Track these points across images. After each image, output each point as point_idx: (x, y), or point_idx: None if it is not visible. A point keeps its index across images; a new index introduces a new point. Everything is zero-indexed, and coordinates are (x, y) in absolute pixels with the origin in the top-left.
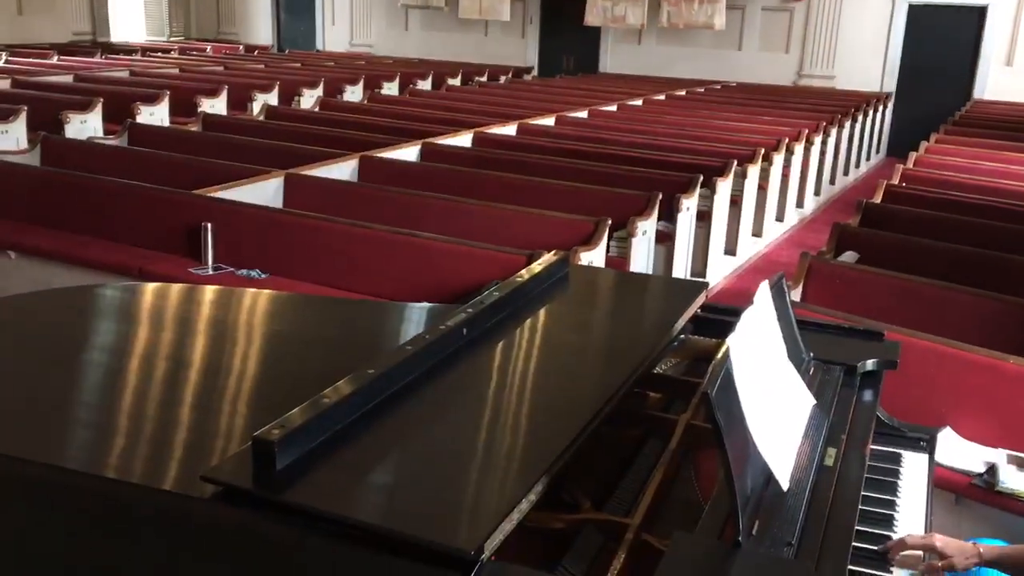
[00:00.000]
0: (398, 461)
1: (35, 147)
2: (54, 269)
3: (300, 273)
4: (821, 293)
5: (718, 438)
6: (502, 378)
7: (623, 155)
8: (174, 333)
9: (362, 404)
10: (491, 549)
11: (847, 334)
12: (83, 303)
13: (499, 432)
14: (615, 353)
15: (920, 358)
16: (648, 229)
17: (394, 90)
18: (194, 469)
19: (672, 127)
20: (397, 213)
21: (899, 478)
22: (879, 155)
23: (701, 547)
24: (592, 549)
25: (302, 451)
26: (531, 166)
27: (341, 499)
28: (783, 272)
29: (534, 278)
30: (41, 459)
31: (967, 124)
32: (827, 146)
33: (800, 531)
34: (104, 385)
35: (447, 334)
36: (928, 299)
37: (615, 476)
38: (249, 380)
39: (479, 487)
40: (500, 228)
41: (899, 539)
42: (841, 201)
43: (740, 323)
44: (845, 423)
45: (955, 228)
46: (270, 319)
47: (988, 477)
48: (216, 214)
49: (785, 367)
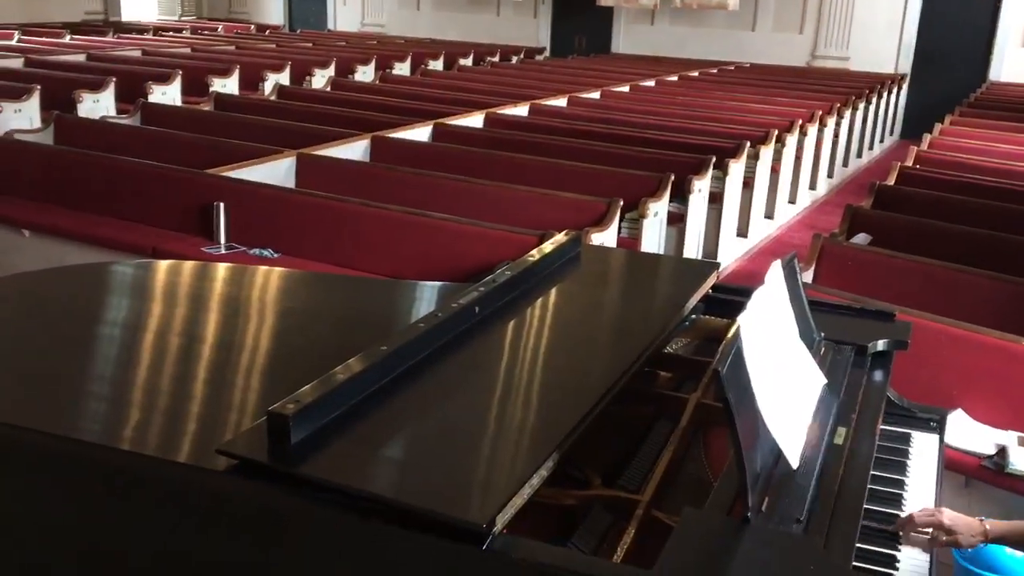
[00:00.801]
0: (411, 436)
1: (48, 126)
2: (68, 247)
3: (312, 253)
4: (833, 275)
5: (728, 416)
6: (513, 356)
7: (635, 136)
8: (188, 309)
9: (375, 380)
10: (503, 523)
11: (858, 314)
12: (98, 279)
13: (510, 409)
14: (626, 332)
15: (932, 340)
16: (660, 210)
17: (406, 70)
18: (208, 442)
19: (685, 108)
20: (409, 193)
21: (908, 458)
22: (893, 137)
23: (710, 523)
24: (602, 525)
25: (316, 426)
26: (543, 147)
27: (355, 473)
28: (795, 252)
29: (546, 257)
30: (57, 431)
31: (982, 106)
32: (841, 128)
33: (809, 508)
34: (119, 359)
35: (459, 312)
36: (941, 281)
37: (625, 454)
38: (262, 356)
39: (491, 462)
40: (512, 209)
41: (907, 515)
42: (854, 183)
43: (751, 302)
44: (855, 403)
45: (969, 211)
46: (283, 296)
47: (998, 459)
48: (228, 194)
49: (796, 346)
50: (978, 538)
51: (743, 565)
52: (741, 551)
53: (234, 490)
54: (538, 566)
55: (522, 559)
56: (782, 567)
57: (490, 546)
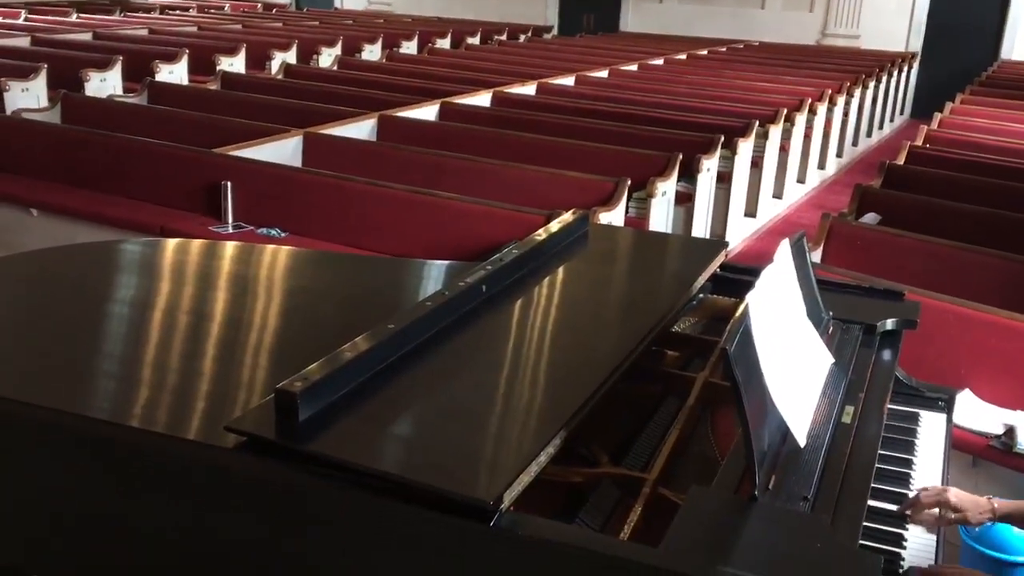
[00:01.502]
0: (419, 414)
1: (55, 105)
2: (75, 227)
3: (319, 232)
4: (842, 254)
5: (736, 394)
6: (521, 334)
7: (643, 115)
8: (196, 287)
9: (383, 358)
10: (510, 500)
11: (867, 294)
12: (106, 258)
13: (518, 387)
14: (634, 310)
15: (940, 319)
16: (668, 190)
17: (413, 49)
18: (217, 420)
19: (693, 87)
20: (416, 173)
21: (916, 437)
22: (903, 116)
23: (717, 501)
24: (609, 503)
25: (324, 403)
26: (550, 126)
27: (363, 450)
28: (803, 231)
29: (553, 236)
30: (67, 408)
31: (993, 85)
32: (850, 107)
33: (816, 487)
34: (128, 337)
35: (466, 291)
36: (950, 261)
37: (633, 432)
38: (270, 334)
39: (498, 440)
40: (519, 188)
41: (914, 495)
42: (864, 163)
43: (760, 280)
44: (863, 382)
45: (979, 190)
46: (291, 275)
47: (1006, 439)
48: (235, 173)
49: (804, 325)
50: (985, 516)
51: (750, 543)
52: (748, 529)
53: (242, 467)
54: (545, 543)
55: (529, 536)
56: (789, 545)
57: (497, 523)
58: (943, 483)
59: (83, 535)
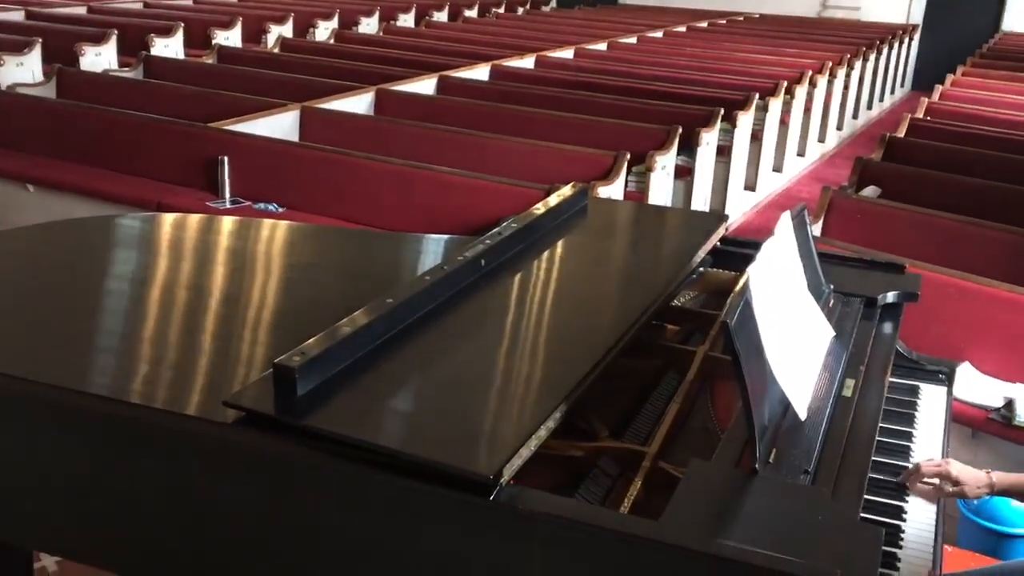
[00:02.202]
0: (418, 388)
1: (51, 80)
2: (72, 202)
3: (317, 207)
4: (842, 228)
5: (737, 367)
6: (520, 308)
7: (643, 88)
8: (194, 262)
9: (381, 333)
10: (509, 474)
11: (868, 266)
12: (103, 233)
13: (517, 361)
14: (634, 284)
15: (941, 292)
16: (667, 164)
17: (410, 22)
18: (216, 395)
19: (693, 60)
20: (414, 147)
21: (916, 410)
22: (904, 89)
23: (718, 474)
24: (609, 476)
25: (322, 378)
26: (549, 100)
27: (362, 424)
28: (804, 203)
29: (552, 210)
30: (66, 384)
31: (995, 57)
32: (851, 79)
33: (817, 459)
34: (126, 313)
35: (465, 265)
36: (951, 234)
37: (633, 406)
38: (269, 309)
39: (498, 414)
40: (518, 162)
41: (914, 465)
42: (864, 136)
43: (760, 253)
44: (864, 355)
45: (980, 162)
46: (289, 249)
47: (1005, 411)
48: (232, 147)
49: (805, 298)
50: (984, 490)
51: (750, 516)
52: (748, 502)
53: (242, 442)
54: (545, 516)
55: (529, 510)
56: (790, 517)
57: (497, 497)
58: (943, 455)
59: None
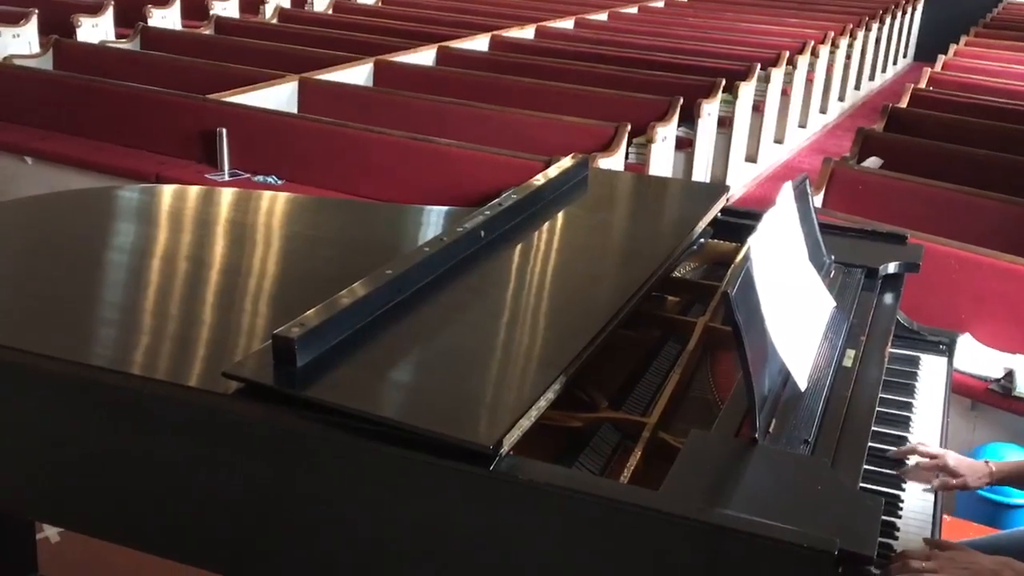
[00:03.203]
0: (417, 359)
1: (47, 51)
2: (70, 174)
3: (316, 179)
4: (843, 199)
5: (737, 337)
6: (520, 279)
7: (644, 59)
8: (193, 234)
9: (381, 304)
10: (509, 444)
11: (869, 237)
12: (102, 204)
13: (517, 332)
14: (634, 255)
15: (942, 263)
16: (668, 135)
17: None
18: (216, 366)
19: (695, 30)
20: (413, 119)
21: (917, 381)
22: (906, 59)
23: (717, 444)
24: (609, 447)
25: (322, 349)
26: (549, 71)
27: (361, 395)
28: (806, 173)
29: (553, 181)
30: (67, 356)
31: (998, 27)
32: (853, 50)
33: (817, 430)
34: (126, 284)
35: (465, 236)
36: (952, 205)
37: (633, 377)
38: (269, 280)
39: (498, 385)
40: (517, 134)
41: (908, 445)
42: (866, 107)
43: (762, 224)
44: (865, 325)
45: (983, 133)
46: (289, 221)
47: (1005, 382)
48: (231, 119)
49: (806, 269)
50: (984, 480)
51: (750, 485)
52: (748, 472)
53: (242, 413)
54: (545, 486)
55: (529, 479)
56: (790, 487)
57: (497, 467)
58: (943, 425)
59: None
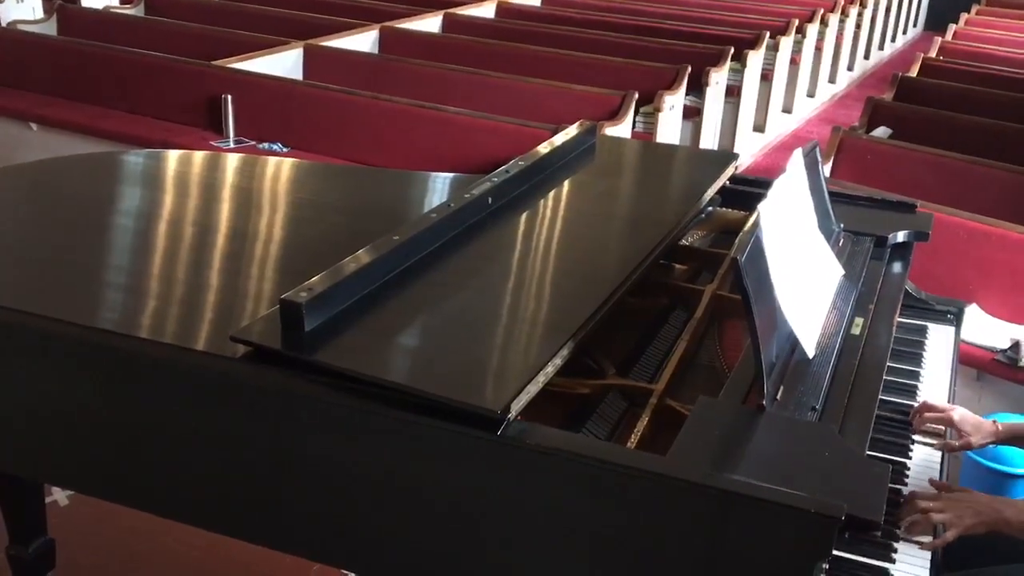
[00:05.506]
0: (425, 325)
1: (51, 17)
2: (75, 141)
3: (322, 147)
4: (852, 169)
5: (746, 304)
6: (528, 246)
7: (652, 27)
8: (200, 199)
9: (388, 270)
10: (517, 409)
11: (879, 206)
12: (108, 168)
13: (525, 298)
14: (642, 222)
15: (950, 233)
16: (676, 104)
17: None
18: (224, 330)
19: None
20: (419, 86)
21: (924, 350)
22: (916, 29)
23: (725, 411)
24: (616, 413)
25: (330, 314)
26: (557, 38)
27: (369, 360)
28: (816, 141)
29: (560, 148)
30: (75, 319)
31: None
32: (863, 19)
33: (824, 397)
34: (133, 249)
35: (472, 202)
36: (962, 174)
37: (640, 344)
38: (276, 245)
39: (505, 350)
40: (524, 102)
41: (921, 403)
42: (875, 76)
43: (771, 191)
44: (873, 294)
45: (993, 103)
46: (295, 186)
47: (1012, 353)
48: (236, 86)
49: (815, 237)
50: (989, 439)
51: (758, 451)
52: (756, 438)
53: (250, 376)
54: (552, 451)
55: (537, 444)
56: (797, 453)
57: (505, 432)
58: (950, 395)
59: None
